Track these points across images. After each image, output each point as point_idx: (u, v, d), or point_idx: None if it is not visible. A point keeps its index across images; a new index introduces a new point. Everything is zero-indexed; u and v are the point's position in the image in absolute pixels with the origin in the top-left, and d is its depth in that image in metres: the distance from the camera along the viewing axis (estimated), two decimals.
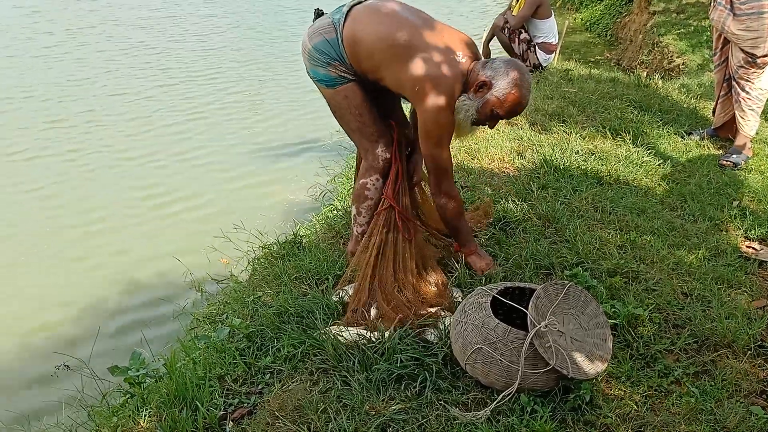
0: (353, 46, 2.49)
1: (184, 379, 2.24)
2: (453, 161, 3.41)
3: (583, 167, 4.03)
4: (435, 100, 2.40)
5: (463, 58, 2.46)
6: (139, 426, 2.13)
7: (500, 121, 2.55)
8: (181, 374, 2.28)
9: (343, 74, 2.56)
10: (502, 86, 2.40)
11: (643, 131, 4.72)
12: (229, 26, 11.20)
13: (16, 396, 3.19)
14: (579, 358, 2.10)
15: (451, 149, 2.60)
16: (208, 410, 2.14)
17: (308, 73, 2.66)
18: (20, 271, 4.19)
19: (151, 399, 2.25)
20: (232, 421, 2.14)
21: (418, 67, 2.40)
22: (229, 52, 9.65)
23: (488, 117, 2.48)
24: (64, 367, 3.14)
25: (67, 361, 3.06)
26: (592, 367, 2.12)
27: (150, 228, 4.74)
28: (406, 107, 2.90)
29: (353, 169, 2.92)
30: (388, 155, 2.70)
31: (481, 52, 3.68)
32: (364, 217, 2.82)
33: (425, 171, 2.97)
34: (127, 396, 2.42)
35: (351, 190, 3.00)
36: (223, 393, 2.26)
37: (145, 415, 2.16)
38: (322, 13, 2.67)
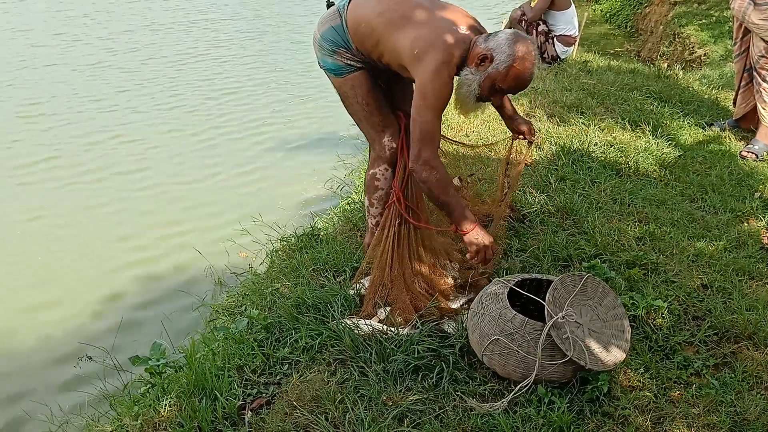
0: (356, 27, 2.49)
1: (203, 369, 2.27)
2: (469, 152, 3.40)
3: (601, 159, 4.00)
4: (434, 60, 2.31)
5: (466, 31, 2.40)
6: (160, 415, 2.16)
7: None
8: (200, 365, 2.31)
9: (349, 62, 2.57)
10: (503, 59, 2.30)
11: (662, 122, 4.67)
12: (247, 22, 11.26)
13: (40, 386, 3.25)
14: (596, 349, 2.10)
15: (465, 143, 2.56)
16: (227, 400, 2.17)
17: (319, 63, 2.67)
18: (43, 265, 4.25)
19: (171, 389, 2.28)
20: (251, 410, 2.16)
21: (416, 31, 2.35)
22: (246, 44, 9.71)
23: (491, 91, 2.39)
24: (86, 358, 3.19)
25: (90, 351, 3.11)
26: (610, 358, 2.11)
27: (170, 223, 4.79)
28: None
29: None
30: (395, 145, 2.69)
31: None
32: (376, 208, 2.82)
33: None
34: (148, 386, 2.45)
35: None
36: (241, 383, 2.29)
37: (165, 405, 2.20)
38: (333, 4, 2.68)
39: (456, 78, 2.44)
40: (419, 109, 2.35)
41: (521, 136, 2.94)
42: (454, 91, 2.45)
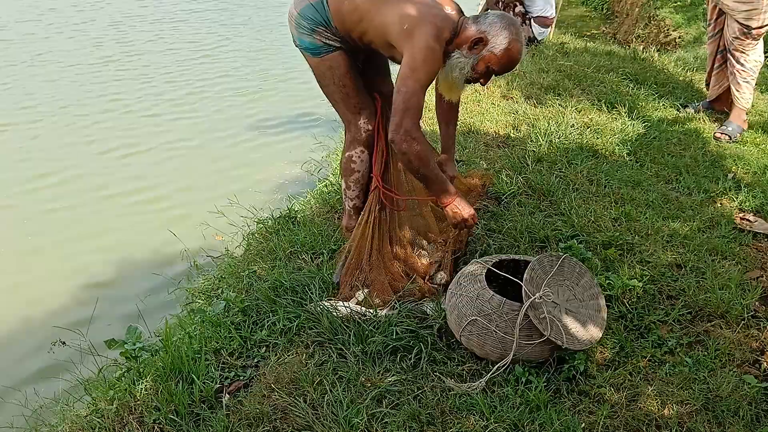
0: (338, 5, 2.45)
1: (179, 352, 2.25)
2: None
3: (578, 140, 4.02)
4: (425, 34, 2.28)
5: (451, 11, 2.40)
6: (136, 399, 2.14)
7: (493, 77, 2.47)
8: (177, 348, 2.29)
9: (328, 41, 2.53)
10: (499, 42, 2.31)
11: (638, 104, 4.70)
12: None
13: (13, 371, 3.19)
14: (573, 328, 2.12)
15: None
16: (204, 383, 2.15)
17: (295, 42, 2.63)
18: (17, 250, 4.17)
19: (147, 372, 2.26)
20: (228, 393, 2.15)
21: (403, 7, 2.33)
22: (219, 28, 9.55)
23: (483, 74, 2.41)
24: (60, 343, 3.14)
25: (65, 335, 3.06)
26: (586, 338, 2.13)
27: (145, 205, 4.72)
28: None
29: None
30: (371, 127, 2.68)
31: None
32: (353, 190, 2.80)
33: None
34: (124, 370, 2.42)
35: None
36: (219, 366, 2.27)
37: (141, 388, 2.17)
38: None
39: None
40: (406, 80, 2.30)
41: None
42: (443, 74, 2.44)
